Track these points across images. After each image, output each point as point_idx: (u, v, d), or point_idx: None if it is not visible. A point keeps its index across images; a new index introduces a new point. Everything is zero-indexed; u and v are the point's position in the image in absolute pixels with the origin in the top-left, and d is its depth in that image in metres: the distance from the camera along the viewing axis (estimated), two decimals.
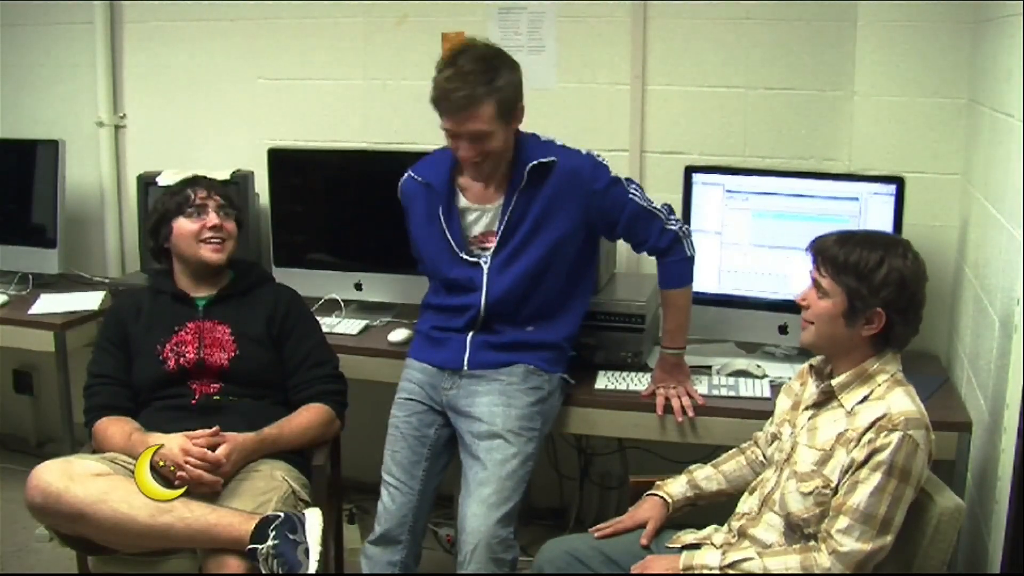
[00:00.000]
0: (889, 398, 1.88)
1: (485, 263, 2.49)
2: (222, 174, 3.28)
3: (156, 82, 3.62)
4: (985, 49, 2.55)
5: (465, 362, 2.50)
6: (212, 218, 2.51)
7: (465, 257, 2.50)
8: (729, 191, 2.79)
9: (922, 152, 2.81)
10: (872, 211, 2.66)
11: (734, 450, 2.27)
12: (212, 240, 2.50)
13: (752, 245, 2.78)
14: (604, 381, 2.68)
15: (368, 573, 2.43)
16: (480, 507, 2.30)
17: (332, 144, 3.37)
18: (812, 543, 1.87)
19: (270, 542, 2.05)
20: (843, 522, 1.82)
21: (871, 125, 2.85)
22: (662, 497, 2.20)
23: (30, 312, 3.23)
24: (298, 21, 3.40)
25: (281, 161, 3.26)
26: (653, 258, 2.60)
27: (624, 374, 2.71)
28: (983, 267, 2.43)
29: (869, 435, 1.83)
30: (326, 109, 3.44)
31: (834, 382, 1.96)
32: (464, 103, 2.30)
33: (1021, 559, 1.84)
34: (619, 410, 2.63)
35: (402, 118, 3.31)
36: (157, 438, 2.26)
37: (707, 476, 2.23)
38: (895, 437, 1.80)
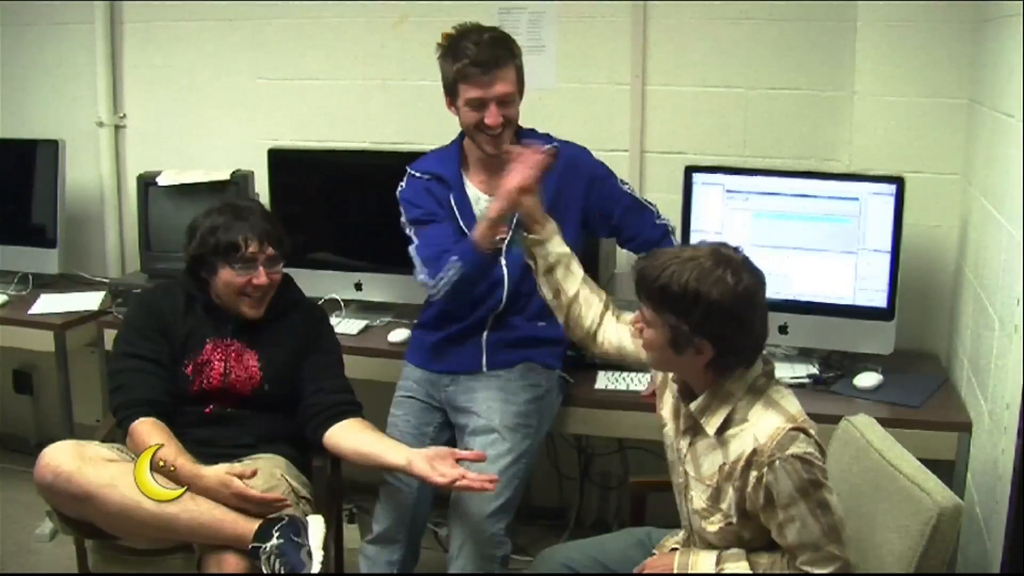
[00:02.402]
0: (752, 420, 1.80)
1: (500, 254, 2.49)
2: (222, 174, 3.29)
3: (156, 82, 3.62)
4: (985, 49, 2.55)
5: (484, 364, 2.50)
6: (260, 277, 2.35)
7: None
8: (729, 191, 2.79)
9: (922, 152, 2.80)
10: (872, 211, 2.65)
11: (610, 301, 2.20)
12: (254, 295, 2.38)
13: (752, 245, 2.76)
14: (604, 381, 2.69)
15: (367, 573, 2.43)
16: (470, 502, 2.31)
17: (332, 144, 3.37)
18: (804, 562, 1.83)
19: (274, 541, 2.05)
20: (803, 558, 1.79)
21: (871, 125, 2.85)
22: (545, 226, 2.18)
23: (30, 312, 3.23)
24: (298, 21, 3.40)
25: (281, 161, 3.26)
26: None
27: (624, 374, 2.71)
28: (983, 267, 2.42)
29: (753, 473, 1.78)
30: (326, 109, 3.44)
31: (693, 407, 1.86)
32: (495, 62, 2.37)
33: (1021, 559, 1.84)
34: (619, 410, 2.63)
35: (402, 118, 3.31)
36: (202, 469, 2.15)
37: (573, 274, 2.17)
38: (777, 469, 1.75)
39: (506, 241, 2.41)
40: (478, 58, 2.36)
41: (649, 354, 1.91)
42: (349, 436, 2.34)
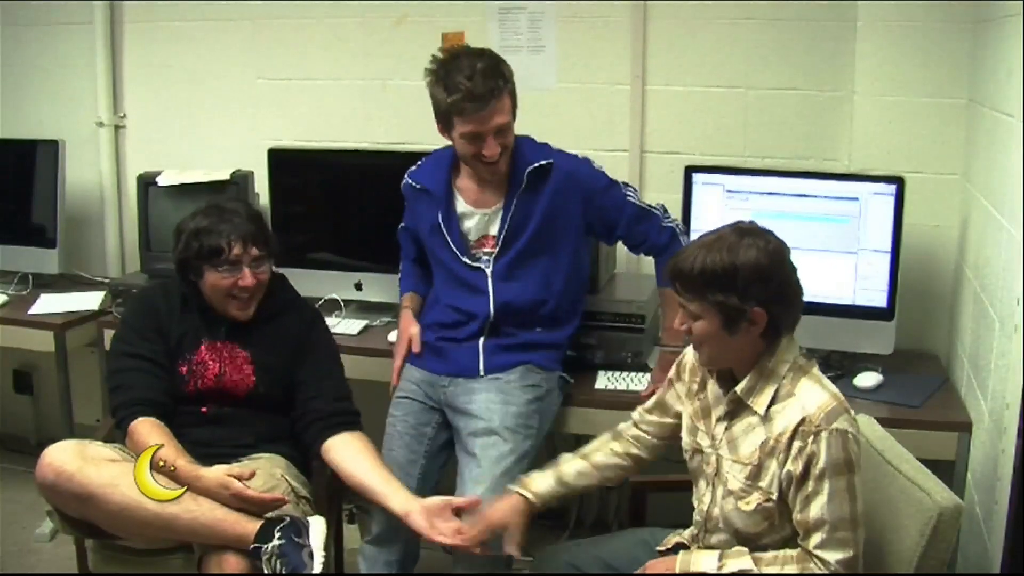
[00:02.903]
0: (800, 394, 1.84)
1: (487, 267, 2.50)
2: (222, 174, 3.29)
3: (156, 82, 3.63)
4: (985, 49, 2.55)
5: (481, 368, 2.50)
6: (246, 278, 2.34)
7: (467, 262, 2.51)
8: (729, 191, 2.79)
9: (922, 152, 2.80)
10: (872, 211, 2.65)
11: (607, 435, 2.19)
12: (241, 297, 2.38)
13: None
14: (604, 381, 2.69)
15: (366, 572, 2.43)
16: None
17: (332, 144, 3.37)
18: (807, 553, 1.85)
19: (275, 542, 2.05)
20: (816, 538, 1.79)
21: (871, 125, 2.85)
22: (525, 496, 2.09)
23: (30, 312, 3.23)
24: (298, 21, 3.40)
25: (281, 161, 3.27)
26: (651, 258, 2.62)
27: (624, 374, 2.71)
28: (983, 267, 2.43)
29: (796, 443, 1.80)
30: (326, 109, 3.44)
31: (738, 390, 1.89)
32: (491, 95, 2.32)
33: (1021, 559, 1.84)
34: (619, 410, 2.61)
35: (402, 118, 3.31)
36: (201, 471, 2.14)
37: (578, 471, 2.14)
38: (823, 439, 1.77)
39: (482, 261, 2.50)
40: (474, 92, 2.31)
41: (703, 349, 1.92)
42: (348, 457, 2.33)
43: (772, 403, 1.86)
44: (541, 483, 2.12)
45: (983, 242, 2.45)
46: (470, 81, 2.31)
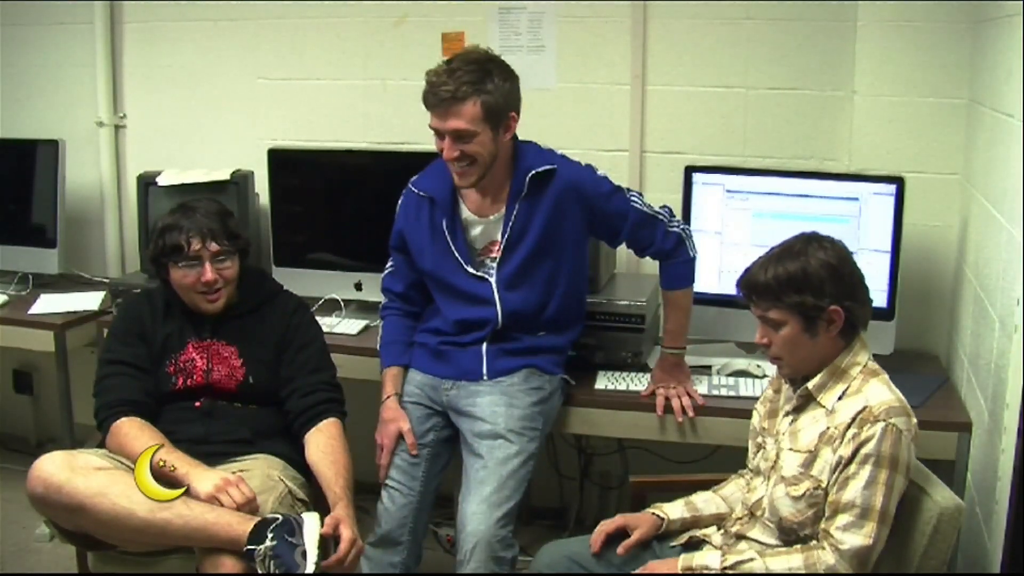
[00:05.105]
0: (866, 391, 1.89)
1: (491, 275, 2.49)
2: (222, 174, 3.29)
3: (156, 82, 3.62)
4: (985, 49, 2.55)
5: (484, 372, 2.50)
6: (207, 273, 2.39)
7: (472, 271, 2.50)
8: (729, 191, 2.79)
9: (922, 152, 2.81)
10: (872, 211, 2.66)
11: (733, 475, 2.24)
12: (205, 291, 2.41)
13: (752, 245, 2.77)
14: (604, 381, 2.68)
15: (369, 574, 2.43)
16: (481, 505, 2.30)
17: (332, 144, 3.37)
18: (814, 542, 1.87)
19: (268, 543, 2.04)
20: (841, 520, 1.82)
21: (871, 125, 2.85)
22: (657, 515, 2.15)
23: (30, 312, 3.23)
24: (298, 21, 3.40)
25: (281, 161, 3.27)
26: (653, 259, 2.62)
27: (624, 374, 2.71)
28: (983, 267, 2.43)
29: (852, 430, 1.85)
30: (326, 109, 3.44)
31: (810, 385, 1.96)
32: (448, 98, 2.32)
33: (1021, 559, 1.84)
34: (619, 410, 2.63)
35: (402, 118, 3.31)
36: (195, 475, 2.15)
37: (705, 499, 2.19)
38: (878, 428, 1.82)
39: (496, 261, 2.48)
40: (434, 87, 2.33)
41: (786, 361, 1.97)
42: (311, 453, 2.35)
43: (839, 399, 1.92)
44: (672, 508, 2.17)
45: (983, 242, 2.45)
46: (436, 79, 2.34)
